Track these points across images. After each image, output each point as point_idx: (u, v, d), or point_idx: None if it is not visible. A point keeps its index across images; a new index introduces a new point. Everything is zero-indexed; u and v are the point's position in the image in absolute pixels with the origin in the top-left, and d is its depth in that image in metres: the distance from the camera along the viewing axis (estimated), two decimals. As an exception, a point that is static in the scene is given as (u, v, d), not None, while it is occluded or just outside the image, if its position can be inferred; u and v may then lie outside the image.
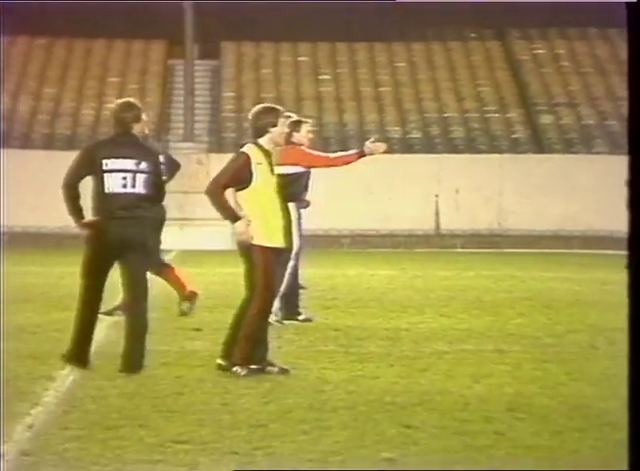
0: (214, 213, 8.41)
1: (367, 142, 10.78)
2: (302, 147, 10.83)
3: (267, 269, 7.81)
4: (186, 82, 32.66)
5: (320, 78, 33.70)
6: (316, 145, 33.96)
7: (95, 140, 9.81)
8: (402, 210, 29.55)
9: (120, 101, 8.35)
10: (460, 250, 28.13)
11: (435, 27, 34.81)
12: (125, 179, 7.98)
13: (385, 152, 11.42)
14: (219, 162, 35.96)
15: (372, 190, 29.87)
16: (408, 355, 8.74)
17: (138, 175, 8.02)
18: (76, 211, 7.96)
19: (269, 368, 7.69)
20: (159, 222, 10.32)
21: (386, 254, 25.95)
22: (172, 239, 29.43)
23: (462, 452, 5.45)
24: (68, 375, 7.59)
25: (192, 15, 31.79)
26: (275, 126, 7.97)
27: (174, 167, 11.02)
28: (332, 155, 11.01)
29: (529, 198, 28.99)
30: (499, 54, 34.56)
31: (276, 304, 10.01)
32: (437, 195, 29.72)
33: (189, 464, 5.15)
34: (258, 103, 9.17)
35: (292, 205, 10.06)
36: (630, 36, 3.85)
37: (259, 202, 7.85)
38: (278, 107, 8.30)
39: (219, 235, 29.18)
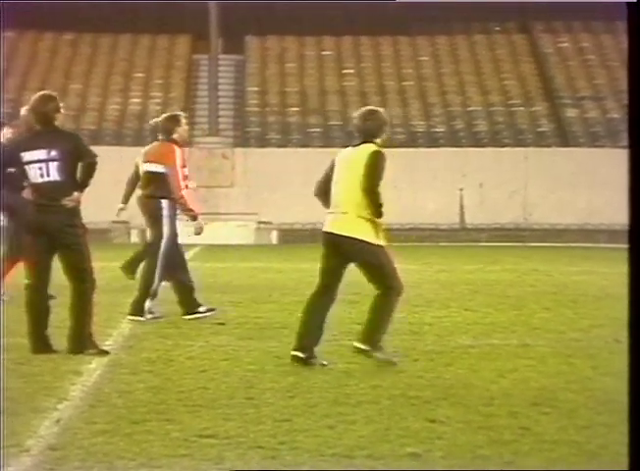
0: (238, 207, 8.43)
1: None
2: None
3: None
4: (211, 77, 32.69)
5: (344, 71, 33.66)
6: (336, 139, 33.67)
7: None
8: (427, 204, 29.52)
9: (38, 94, 8.45)
10: (485, 244, 28.07)
11: (460, 21, 34.71)
12: (40, 169, 8.19)
13: (409, 146, 11.36)
14: (243, 156, 36.15)
15: (396, 185, 29.81)
16: (433, 350, 8.73)
17: (50, 163, 8.17)
18: None
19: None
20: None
21: (410, 248, 25.91)
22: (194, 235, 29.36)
23: (487, 447, 5.43)
24: (94, 369, 7.62)
25: (217, 10, 31.81)
26: None
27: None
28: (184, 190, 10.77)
29: (554, 192, 28.90)
30: (523, 47, 34.43)
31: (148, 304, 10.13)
32: (461, 189, 29.66)
33: (215, 458, 5.17)
34: (283, 97, 9.22)
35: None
36: (630, 36, 3.85)
37: None
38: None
39: (243, 230, 29.24)
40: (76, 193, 8.19)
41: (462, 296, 13.15)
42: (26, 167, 8.24)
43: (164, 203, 10.51)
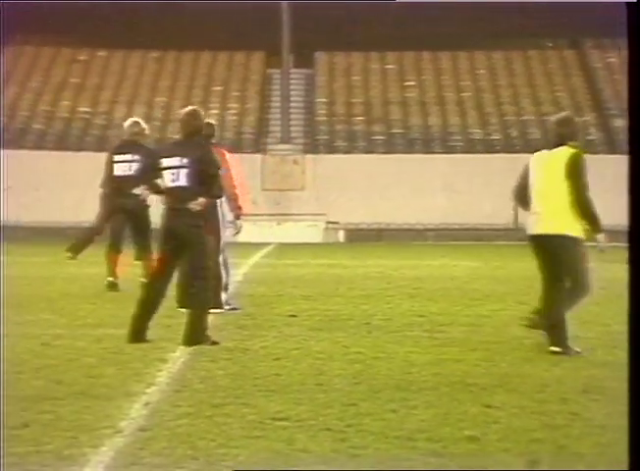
0: (308, 209, 8.46)
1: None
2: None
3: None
4: (283, 90, 32.81)
5: (406, 84, 33.56)
6: (398, 146, 33.55)
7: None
8: (483, 206, 29.33)
9: (188, 109, 8.55)
10: (538, 243, 27.77)
11: (515, 38, 34.47)
12: (173, 174, 8.29)
13: (467, 152, 11.30)
14: (313, 162, 36.22)
15: (455, 188, 29.69)
16: (490, 340, 8.67)
17: (181, 170, 8.26)
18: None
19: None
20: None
21: (468, 247, 25.77)
22: (269, 234, 29.66)
23: (540, 431, 5.39)
24: (179, 357, 7.68)
25: (289, 28, 31.91)
26: None
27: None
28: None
29: (602, 196, 28.53)
30: (574, 62, 34.07)
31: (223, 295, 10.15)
32: (515, 192, 29.41)
33: (287, 440, 5.17)
34: (350, 107, 9.23)
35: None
36: (630, 36, 3.73)
37: None
38: None
39: (312, 230, 29.29)
40: (200, 199, 8.22)
41: (517, 291, 13.03)
42: (164, 172, 8.35)
43: (219, 201, 10.62)
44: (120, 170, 12.33)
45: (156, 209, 9.74)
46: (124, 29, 33.68)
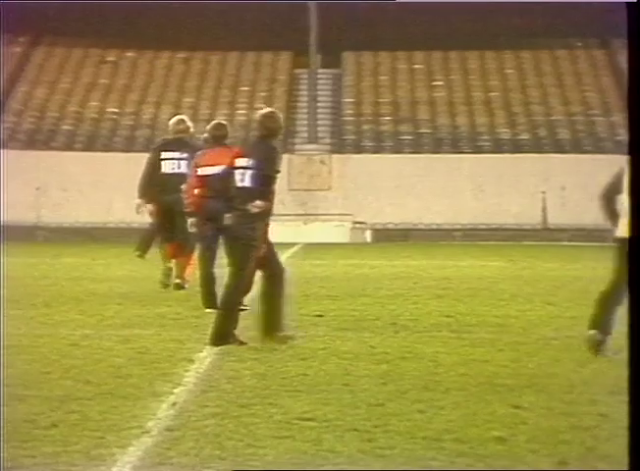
0: (335, 209, 8.47)
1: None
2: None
3: None
4: (310, 90, 32.82)
5: (433, 83, 33.48)
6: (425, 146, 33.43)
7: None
8: (511, 206, 29.22)
9: (267, 110, 8.67)
10: (567, 244, 27.65)
11: (543, 37, 34.30)
12: (241, 175, 8.38)
13: (495, 152, 11.24)
14: (340, 162, 36.15)
15: (483, 188, 29.59)
16: (517, 341, 8.64)
17: (247, 171, 8.32)
18: None
19: None
20: None
21: (495, 247, 25.68)
22: (296, 234, 29.67)
23: (568, 432, 5.36)
24: (206, 357, 7.70)
25: (316, 28, 31.91)
26: None
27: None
28: None
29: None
30: (603, 62, 33.87)
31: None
32: (544, 192, 29.29)
33: (314, 440, 5.17)
34: (377, 107, 9.26)
35: None
36: (630, 36, 3.70)
37: None
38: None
39: (339, 230, 29.28)
40: (258, 201, 8.23)
41: (545, 292, 12.98)
42: (235, 171, 8.42)
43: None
44: (167, 167, 12.40)
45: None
46: (152, 30, 33.80)
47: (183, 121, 12.96)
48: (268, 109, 8.75)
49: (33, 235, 28.56)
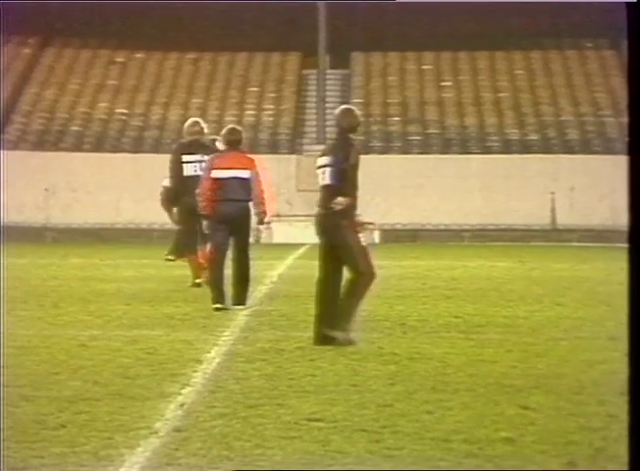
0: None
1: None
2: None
3: None
4: (319, 90, 32.81)
5: (442, 84, 33.45)
6: (434, 147, 33.40)
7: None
8: (520, 206, 29.18)
9: (342, 108, 8.65)
10: (576, 244, 27.61)
11: (553, 38, 34.25)
12: (323, 173, 8.39)
13: (504, 153, 11.26)
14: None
15: (492, 188, 29.55)
16: (526, 341, 8.62)
17: (328, 169, 8.34)
18: None
19: None
20: None
21: (504, 247, 25.65)
22: (305, 234, 29.67)
23: (577, 433, 5.35)
24: (214, 358, 7.70)
25: (325, 29, 31.91)
26: None
27: None
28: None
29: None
30: (613, 62, 33.78)
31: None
32: (553, 193, 29.24)
33: (322, 441, 5.17)
34: (386, 108, 9.33)
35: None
36: (630, 36, 3.69)
37: None
38: None
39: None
40: (340, 198, 8.23)
41: (554, 292, 12.96)
42: (317, 171, 8.46)
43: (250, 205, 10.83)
44: (190, 170, 12.51)
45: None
46: (161, 32, 33.84)
47: (197, 123, 13.18)
48: (346, 105, 8.81)
49: (42, 236, 28.61)
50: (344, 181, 8.26)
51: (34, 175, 28.95)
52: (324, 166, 8.38)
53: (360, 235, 8.36)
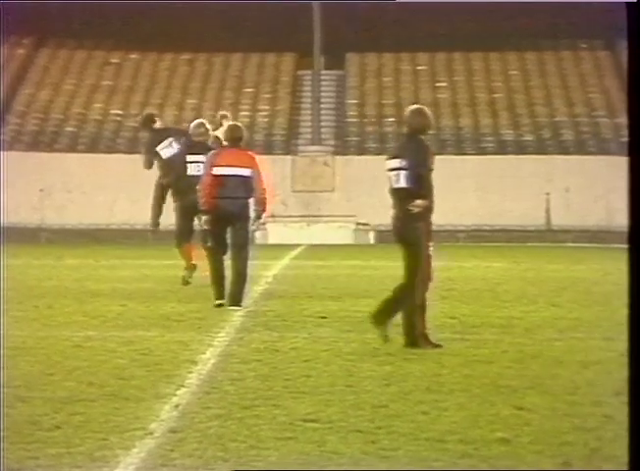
0: (338, 210, 8.48)
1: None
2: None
3: None
4: (314, 91, 32.83)
5: (437, 85, 33.48)
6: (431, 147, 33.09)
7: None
8: (515, 207, 29.21)
9: (414, 108, 8.67)
10: (571, 245, 27.64)
11: (548, 39, 34.29)
12: (396, 176, 8.37)
13: (499, 153, 11.28)
14: (343, 163, 36.16)
15: (487, 189, 29.58)
16: (521, 342, 8.63)
17: (401, 172, 8.32)
18: None
19: None
20: None
21: (499, 248, 25.67)
22: (300, 235, 29.62)
23: (572, 433, 5.35)
24: (209, 359, 7.70)
25: (320, 30, 31.92)
26: None
27: None
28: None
29: None
30: (608, 63, 33.83)
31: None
32: (548, 193, 29.27)
33: (318, 441, 5.17)
34: (381, 109, 9.30)
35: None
36: (630, 36, 3.69)
37: None
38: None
39: (343, 231, 29.28)
40: (418, 201, 8.22)
41: (549, 293, 12.97)
42: (389, 174, 8.41)
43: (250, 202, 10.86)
44: (193, 170, 12.74)
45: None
46: (155, 32, 33.82)
47: (203, 124, 13.48)
48: (416, 105, 8.73)
49: (37, 237, 28.58)
50: (421, 184, 8.24)
51: (29, 176, 28.93)
52: (398, 169, 8.31)
53: (430, 243, 8.39)
